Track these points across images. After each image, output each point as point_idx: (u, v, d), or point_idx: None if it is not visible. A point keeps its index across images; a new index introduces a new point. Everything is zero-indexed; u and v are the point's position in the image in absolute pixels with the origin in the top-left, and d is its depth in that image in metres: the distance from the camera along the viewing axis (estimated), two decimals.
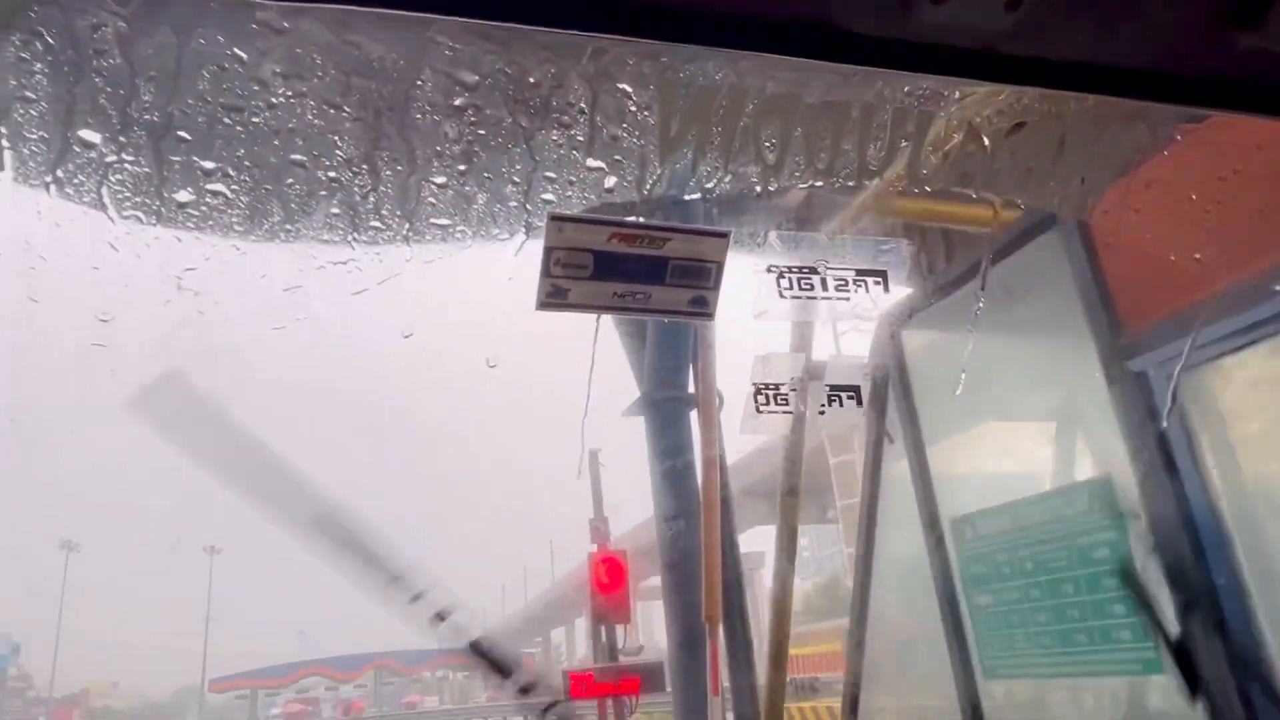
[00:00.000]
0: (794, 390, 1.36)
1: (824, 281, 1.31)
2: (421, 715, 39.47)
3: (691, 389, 5.83)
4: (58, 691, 44.30)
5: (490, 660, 1.03)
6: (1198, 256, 1.73)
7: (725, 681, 5.55)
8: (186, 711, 52.77)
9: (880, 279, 1.34)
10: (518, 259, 1.13)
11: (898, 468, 4.37)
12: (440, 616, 0.99)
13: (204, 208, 1.04)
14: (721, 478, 5.03)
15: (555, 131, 1.08)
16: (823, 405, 1.39)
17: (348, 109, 1.02)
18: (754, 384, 1.37)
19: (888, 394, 3.77)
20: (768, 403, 1.35)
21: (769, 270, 1.32)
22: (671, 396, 5.98)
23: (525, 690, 1.07)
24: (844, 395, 1.38)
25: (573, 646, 56.11)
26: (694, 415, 5.97)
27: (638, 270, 1.14)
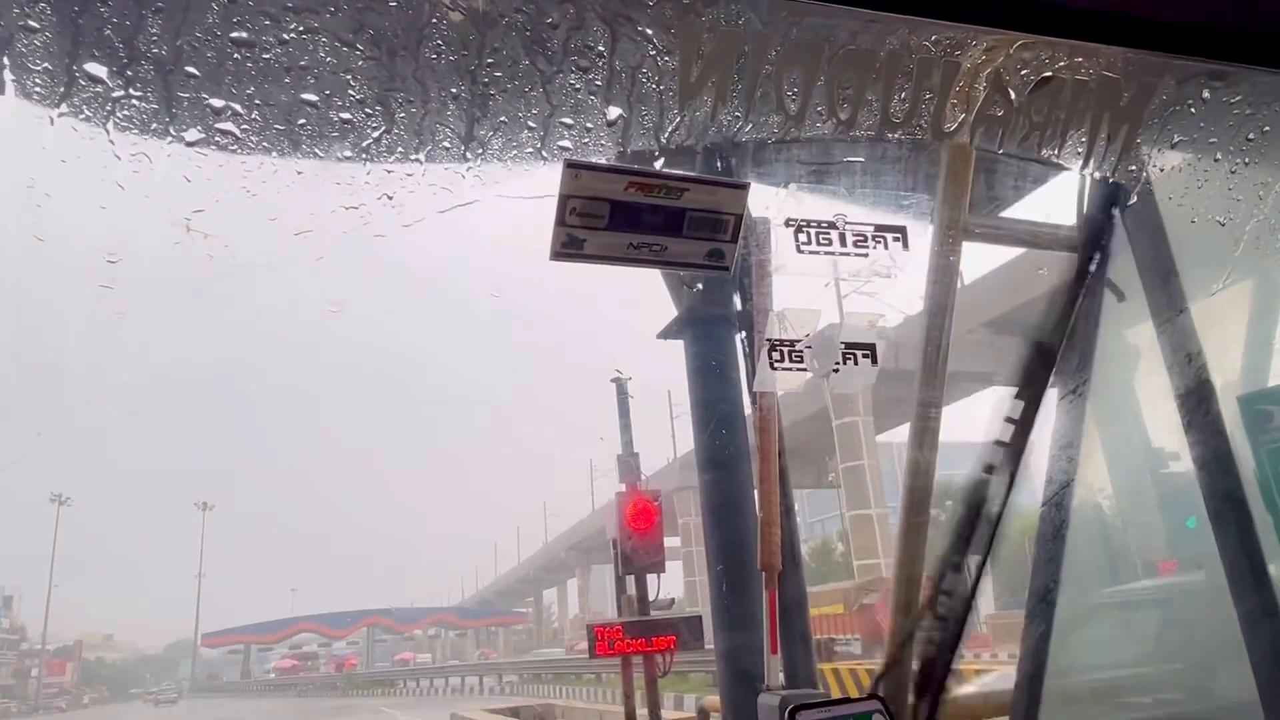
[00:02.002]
0: (809, 348, 1.34)
1: (843, 237, 1.29)
2: (414, 671, 39.95)
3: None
4: (51, 644, 44.70)
5: None
6: None
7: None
8: (180, 665, 53.33)
9: (899, 235, 1.32)
10: (533, 207, 1.11)
11: (1131, 335, 3.78)
12: None
13: (213, 147, 1.01)
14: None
15: (573, 75, 1.05)
16: (836, 364, 1.37)
17: (360, 47, 0.99)
18: (768, 340, 1.35)
19: (1111, 229, 3.44)
20: (782, 359, 1.33)
21: (787, 224, 1.30)
22: (716, 314, 5.65)
23: None
24: (859, 354, 1.36)
25: (565, 606, 56.72)
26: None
27: (654, 221, 1.12)
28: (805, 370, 1.37)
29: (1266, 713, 2.64)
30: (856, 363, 1.36)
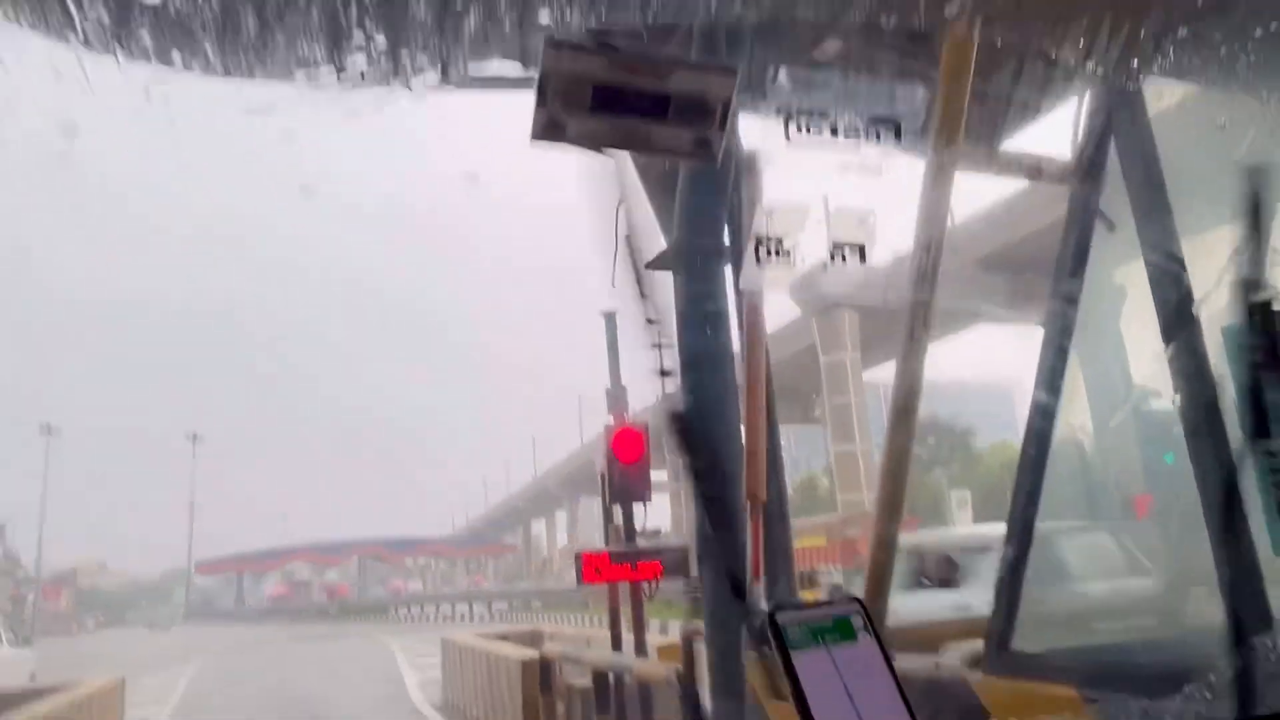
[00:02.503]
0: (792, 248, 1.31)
1: (834, 128, 1.25)
2: (405, 599, 40.77)
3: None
4: (45, 572, 45.29)
5: None
6: None
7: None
8: (175, 592, 54.23)
9: (893, 128, 1.27)
10: (512, 94, 1.07)
11: (1118, 275, 3.75)
12: None
13: (173, 13, 0.95)
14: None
15: None
16: (825, 261, 1.35)
17: None
18: (755, 235, 1.32)
19: (1103, 163, 3.30)
20: (769, 255, 1.31)
21: (777, 112, 1.25)
22: (706, 246, 5.58)
23: None
24: (846, 249, 1.34)
25: (553, 537, 57.70)
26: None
27: (639, 105, 1.08)
28: (791, 265, 1.34)
29: (1232, 622, 2.70)
30: (845, 260, 1.33)
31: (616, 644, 7.82)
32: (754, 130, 1.32)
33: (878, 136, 1.23)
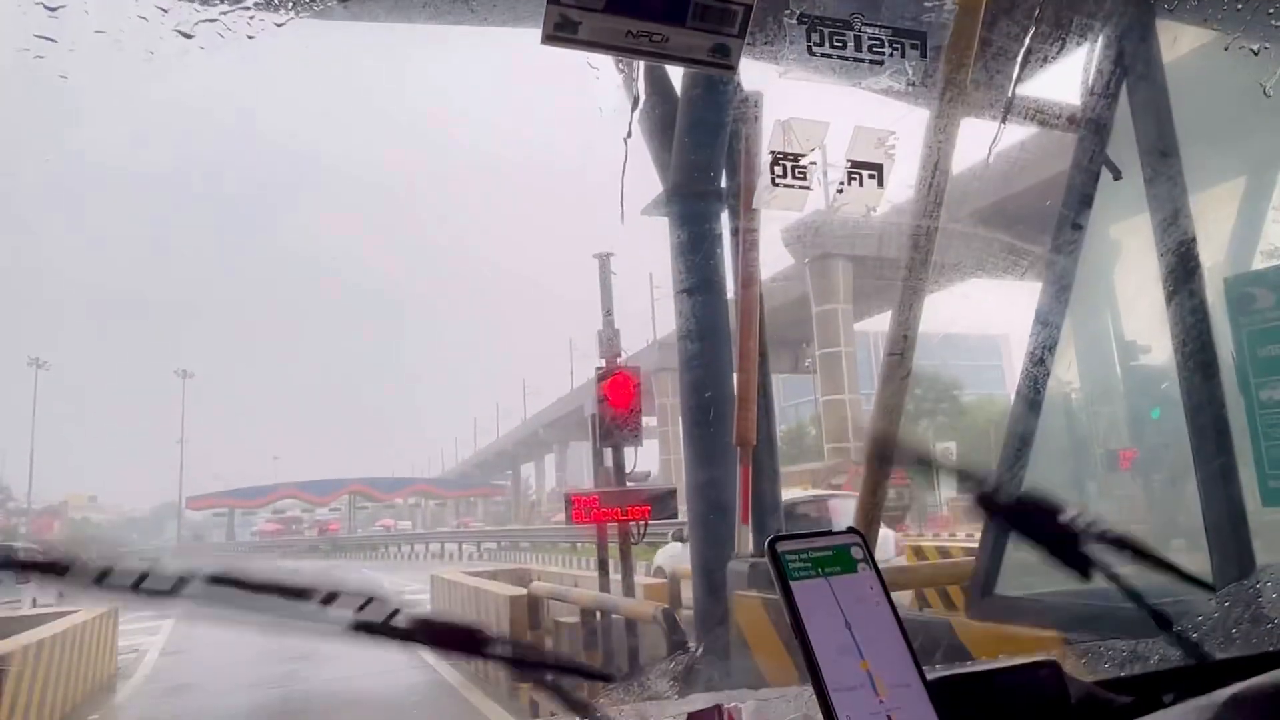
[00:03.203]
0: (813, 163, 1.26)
1: (858, 39, 1.20)
2: (394, 536, 41.25)
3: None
4: (36, 504, 45.49)
5: None
6: None
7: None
8: (166, 526, 54.65)
9: (918, 42, 1.22)
10: (481, 42, 1.02)
11: (1114, 231, 3.77)
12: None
13: None
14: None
15: None
16: (841, 183, 1.31)
17: None
18: (771, 152, 1.28)
19: (1113, 110, 3.21)
20: (785, 175, 1.27)
21: (799, 21, 1.19)
22: (703, 190, 5.49)
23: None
24: (864, 174, 1.30)
25: (542, 480, 58.25)
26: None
27: (656, 6, 1.03)
28: (808, 187, 1.31)
29: (1215, 569, 2.77)
30: (862, 183, 1.30)
31: (604, 585, 7.95)
32: (770, 50, 1.27)
33: (903, 51, 1.18)
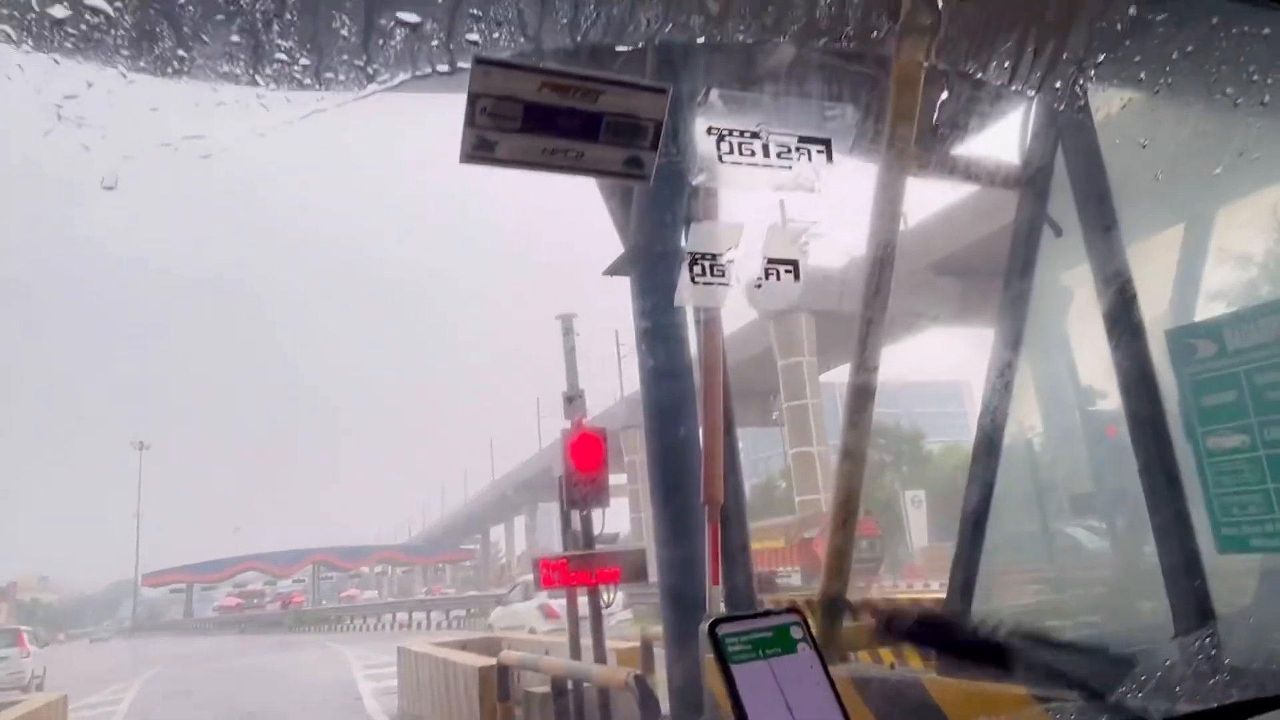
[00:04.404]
0: (731, 263, 1.31)
1: (766, 148, 1.26)
2: (360, 607, 40.13)
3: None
4: None
5: None
6: None
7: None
8: (121, 605, 52.74)
9: (824, 147, 1.29)
10: (441, 107, 1.05)
11: (1065, 278, 3.86)
12: None
13: (83, 27, 0.92)
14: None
15: None
16: (759, 279, 1.35)
17: None
18: (690, 252, 1.32)
19: (1050, 169, 3.31)
20: (704, 273, 1.31)
21: (709, 132, 1.25)
22: (663, 250, 5.51)
23: None
24: (781, 269, 1.34)
25: (511, 543, 57.31)
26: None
27: (570, 125, 1.07)
28: (726, 285, 1.34)
29: (1175, 618, 2.79)
30: (779, 278, 1.34)
31: (575, 650, 7.78)
32: (700, 141, 1.32)
33: (809, 156, 1.24)
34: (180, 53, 0.95)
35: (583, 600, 7.88)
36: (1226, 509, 3.20)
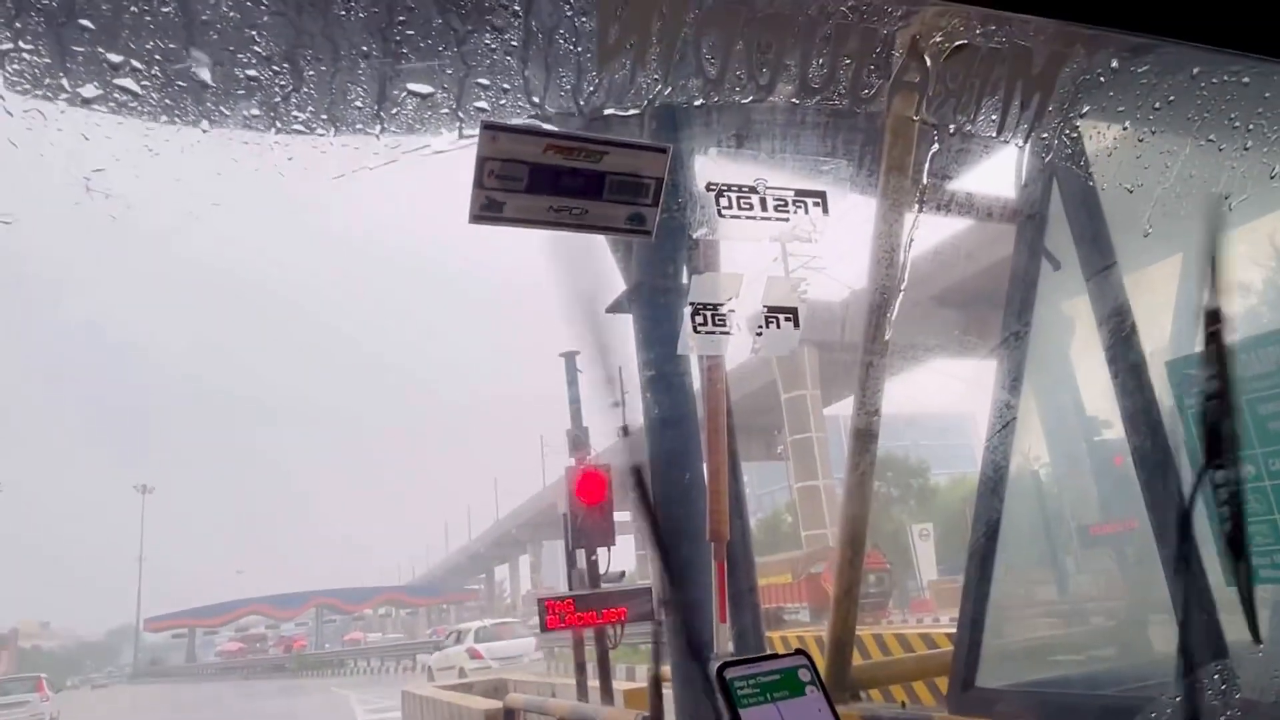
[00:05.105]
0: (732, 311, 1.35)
1: (763, 201, 1.31)
2: (364, 650, 39.66)
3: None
4: None
5: None
6: None
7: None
8: (122, 651, 52.22)
9: (819, 200, 1.33)
10: (451, 166, 1.10)
11: (1067, 308, 3.89)
12: None
13: (112, 103, 0.97)
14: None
15: (488, 35, 1.04)
16: (760, 327, 1.39)
17: (265, 2, 0.96)
18: (691, 303, 1.36)
19: (1047, 202, 3.34)
20: (705, 323, 1.34)
21: (708, 188, 1.30)
22: (665, 287, 5.55)
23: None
24: (781, 317, 1.38)
25: (516, 582, 56.81)
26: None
27: (574, 185, 1.11)
28: (728, 334, 1.38)
29: (1185, 652, 2.77)
30: (779, 326, 1.38)
31: (582, 691, 7.69)
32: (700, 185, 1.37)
33: (805, 209, 1.29)
34: (202, 128, 1.00)
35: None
36: None
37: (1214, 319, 1.74)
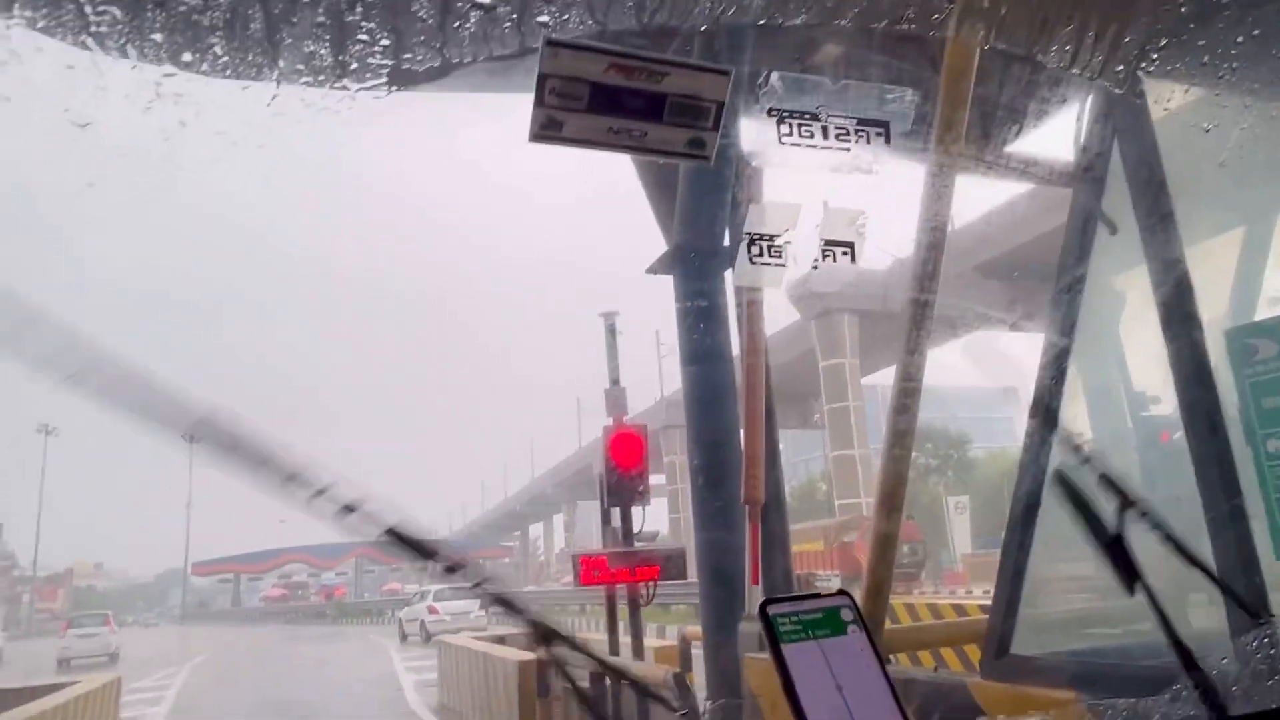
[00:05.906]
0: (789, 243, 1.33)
1: (825, 130, 1.27)
2: (401, 600, 40.62)
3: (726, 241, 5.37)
4: (41, 571, 45.23)
5: (409, 544, 1.02)
6: None
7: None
8: (170, 593, 54.17)
9: (882, 130, 1.29)
10: (511, 99, 1.08)
11: (1118, 281, 3.85)
12: (348, 509, 0.95)
13: (182, 8, 0.97)
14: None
15: None
16: (816, 260, 1.36)
17: None
18: (748, 233, 1.33)
19: (1106, 165, 3.32)
20: (761, 254, 1.32)
21: (769, 114, 1.27)
22: (707, 249, 5.46)
23: (451, 570, 1.06)
24: (838, 250, 1.35)
25: (550, 539, 57.66)
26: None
27: (635, 105, 1.09)
28: (784, 264, 1.36)
29: (1230, 618, 2.72)
30: (835, 260, 1.35)
31: (614, 647, 7.81)
32: (752, 131, 1.34)
33: (868, 139, 1.25)
34: (270, 39, 1.00)
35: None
36: None
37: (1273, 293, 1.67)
